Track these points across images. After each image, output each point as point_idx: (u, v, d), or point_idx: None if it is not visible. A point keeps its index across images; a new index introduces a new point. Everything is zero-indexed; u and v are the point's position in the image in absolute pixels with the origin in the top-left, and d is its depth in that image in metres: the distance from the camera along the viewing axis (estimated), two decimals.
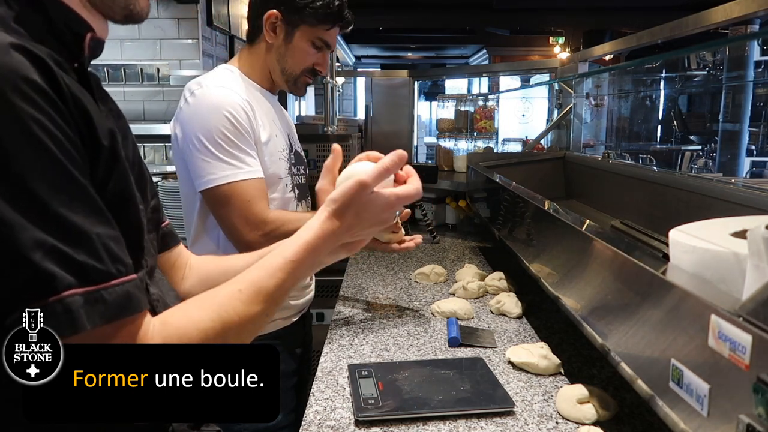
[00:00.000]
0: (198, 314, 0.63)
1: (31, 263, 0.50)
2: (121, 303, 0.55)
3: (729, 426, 0.55)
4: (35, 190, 0.51)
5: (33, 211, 0.50)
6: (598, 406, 1.05)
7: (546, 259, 1.28)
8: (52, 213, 0.51)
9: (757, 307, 0.53)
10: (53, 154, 0.52)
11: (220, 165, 1.27)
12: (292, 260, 0.69)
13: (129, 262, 0.58)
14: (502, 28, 7.45)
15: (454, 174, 2.96)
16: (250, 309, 0.66)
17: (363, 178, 0.72)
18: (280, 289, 0.69)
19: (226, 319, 0.63)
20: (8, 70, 0.51)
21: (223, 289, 0.66)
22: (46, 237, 0.51)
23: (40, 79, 0.53)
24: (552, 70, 2.94)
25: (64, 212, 0.52)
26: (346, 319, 1.55)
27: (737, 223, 0.73)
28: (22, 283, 0.50)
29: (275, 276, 0.68)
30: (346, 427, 1.02)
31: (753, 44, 4.35)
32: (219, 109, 1.28)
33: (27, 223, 0.50)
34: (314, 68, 1.43)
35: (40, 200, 0.51)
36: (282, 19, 1.37)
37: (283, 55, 1.40)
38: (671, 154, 5.55)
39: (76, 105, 0.57)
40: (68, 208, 0.52)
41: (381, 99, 3.46)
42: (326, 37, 1.41)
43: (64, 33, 0.63)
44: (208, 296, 0.65)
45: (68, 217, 0.52)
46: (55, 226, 0.51)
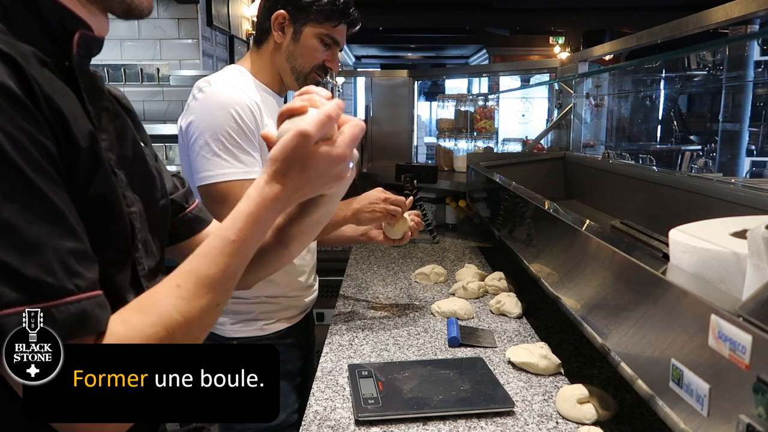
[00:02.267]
0: (137, 320, 0.57)
1: None
2: (73, 322, 0.51)
3: (729, 426, 0.55)
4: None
5: None
6: (598, 406, 1.05)
7: (546, 259, 1.28)
8: (2, 222, 0.48)
9: (757, 307, 0.53)
10: (11, 160, 0.49)
11: (219, 162, 1.28)
12: (234, 240, 0.62)
13: (91, 276, 0.54)
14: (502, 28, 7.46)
15: (454, 174, 2.96)
16: (193, 304, 0.59)
17: (303, 127, 0.62)
18: (225, 274, 0.61)
19: (168, 320, 0.58)
20: None
21: (161, 288, 0.60)
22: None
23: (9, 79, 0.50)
24: (552, 70, 2.94)
25: (17, 222, 0.49)
26: (346, 319, 1.55)
27: (737, 223, 0.73)
28: None
29: (218, 262, 0.61)
30: (346, 427, 1.02)
31: (753, 44, 4.35)
32: (226, 107, 1.28)
33: None
34: (324, 65, 1.44)
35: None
36: (289, 18, 1.39)
37: (293, 54, 1.41)
38: (671, 154, 5.55)
39: (50, 106, 0.54)
40: (23, 218, 0.49)
41: (381, 99, 3.46)
42: (334, 34, 1.42)
43: (56, 31, 0.61)
44: (147, 297, 0.60)
45: (21, 227, 0.49)
46: (4, 237, 0.48)
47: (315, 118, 0.63)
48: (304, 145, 0.62)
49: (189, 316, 0.59)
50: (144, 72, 3.25)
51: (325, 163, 0.64)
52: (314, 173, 0.64)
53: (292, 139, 0.62)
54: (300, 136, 0.62)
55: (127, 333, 0.56)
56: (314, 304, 1.59)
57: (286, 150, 0.63)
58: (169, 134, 1.28)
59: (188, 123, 1.32)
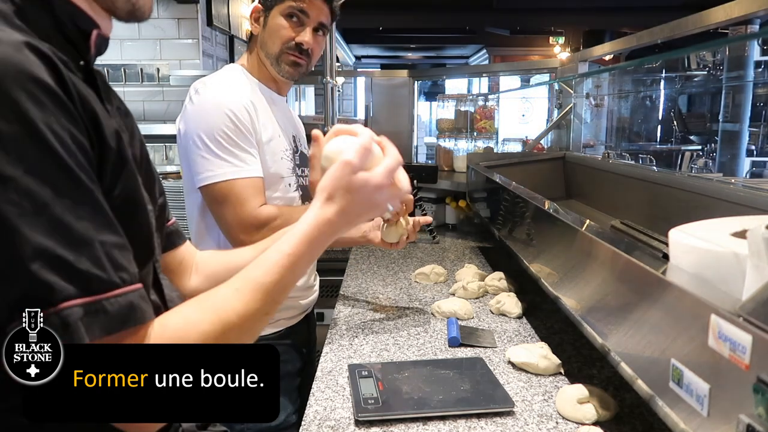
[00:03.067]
0: (196, 316, 0.61)
1: (29, 273, 0.48)
2: (123, 314, 0.53)
3: (729, 426, 0.55)
4: (39, 195, 0.49)
5: (36, 217, 0.49)
6: (598, 406, 1.05)
7: (546, 259, 1.28)
8: (58, 218, 0.50)
9: (757, 307, 0.53)
10: (59, 158, 0.50)
11: (218, 162, 1.28)
12: (290, 253, 0.67)
13: (134, 271, 0.56)
14: (502, 28, 7.46)
15: (454, 174, 2.96)
16: (248, 308, 0.64)
17: (347, 158, 0.70)
18: (278, 285, 0.66)
19: (225, 319, 0.62)
20: (19, 69, 0.49)
21: (221, 290, 0.64)
22: (47, 244, 0.49)
23: (50, 80, 0.51)
24: (552, 70, 2.94)
25: (68, 218, 0.50)
26: (346, 319, 1.55)
27: (737, 223, 0.73)
28: (19, 293, 0.49)
29: (273, 272, 0.66)
30: (346, 427, 1.02)
31: (753, 44, 4.35)
32: (221, 108, 1.29)
33: (29, 229, 0.48)
34: (296, 43, 1.37)
35: (43, 205, 0.49)
36: (262, 9, 1.39)
37: (264, 40, 1.39)
38: (671, 154, 5.55)
39: (84, 106, 0.55)
40: (72, 214, 0.51)
41: (381, 99, 3.46)
42: (300, 4, 1.35)
43: (69, 30, 0.61)
44: (207, 297, 0.64)
45: (72, 223, 0.50)
46: (57, 232, 0.49)
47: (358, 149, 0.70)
48: (348, 173, 0.70)
49: (244, 319, 0.63)
50: (144, 72, 3.25)
51: (366, 191, 0.71)
52: (358, 199, 0.71)
53: (339, 169, 0.70)
54: (344, 166, 0.70)
55: (185, 328, 0.59)
56: (315, 304, 1.59)
57: (333, 179, 0.70)
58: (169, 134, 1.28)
59: (185, 125, 1.32)
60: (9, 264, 0.48)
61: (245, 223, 1.28)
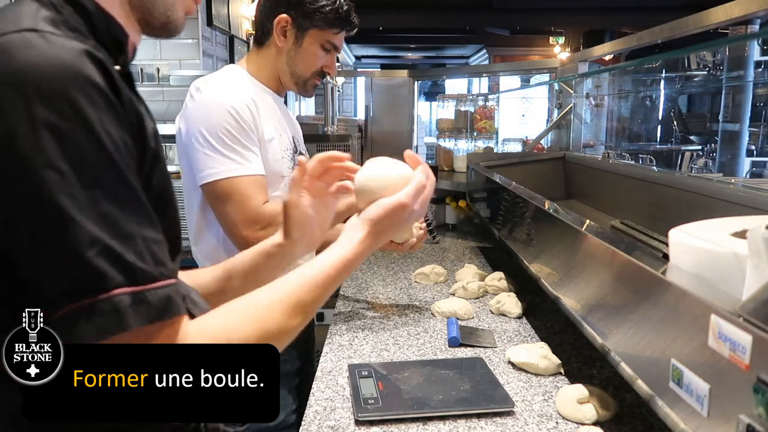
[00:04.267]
0: (238, 325, 0.63)
1: (85, 260, 0.51)
2: (162, 305, 0.55)
3: (729, 426, 0.55)
4: (94, 190, 0.52)
5: (90, 209, 0.52)
6: (598, 406, 1.05)
7: (546, 259, 1.28)
8: (107, 213, 0.53)
9: (757, 307, 0.53)
10: (111, 157, 0.54)
11: (221, 159, 1.28)
12: (331, 275, 0.71)
13: (170, 266, 0.58)
14: (502, 28, 7.46)
15: (454, 174, 2.96)
16: (289, 322, 0.66)
17: (405, 201, 0.75)
18: (315, 303, 0.69)
19: (266, 330, 0.64)
20: (79, 74, 0.53)
21: (264, 300, 0.66)
22: (100, 235, 0.52)
23: (104, 84, 0.55)
24: (552, 70, 2.94)
25: (118, 213, 0.53)
26: (346, 319, 1.55)
27: (737, 223, 0.73)
28: (74, 279, 0.51)
29: (314, 290, 0.69)
30: (346, 427, 1.02)
31: (753, 44, 4.35)
32: (223, 106, 1.29)
33: (85, 220, 0.51)
34: (323, 70, 1.45)
35: (97, 199, 0.52)
36: (292, 23, 1.39)
37: (293, 59, 1.42)
38: (671, 154, 5.55)
39: (132, 109, 0.59)
40: (120, 209, 0.54)
41: (381, 99, 3.46)
42: (334, 40, 1.43)
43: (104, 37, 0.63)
44: (249, 306, 0.65)
45: (120, 217, 0.53)
46: (108, 225, 0.53)
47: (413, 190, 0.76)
48: (402, 214, 0.75)
49: (281, 331, 0.66)
50: (144, 72, 3.25)
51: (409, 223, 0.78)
52: (399, 230, 0.78)
53: (394, 209, 0.75)
54: (401, 208, 0.75)
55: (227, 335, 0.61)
56: None
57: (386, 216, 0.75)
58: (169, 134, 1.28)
59: (186, 123, 1.32)
60: (65, 250, 0.51)
61: (249, 220, 1.28)
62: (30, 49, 0.52)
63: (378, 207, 0.75)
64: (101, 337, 0.53)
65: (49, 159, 0.51)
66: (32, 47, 0.52)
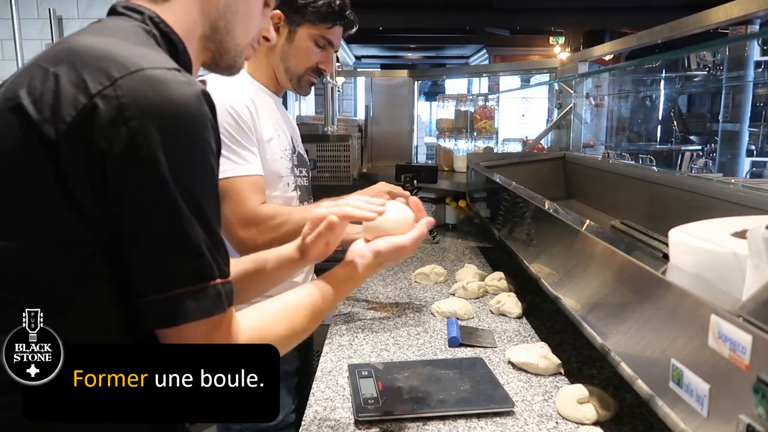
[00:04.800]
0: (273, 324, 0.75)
1: (203, 254, 0.63)
2: (230, 296, 0.66)
3: (729, 426, 0.55)
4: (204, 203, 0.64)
5: (201, 217, 0.63)
6: (598, 406, 1.05)
7: (546, 259, 1.28)
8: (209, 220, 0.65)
9: (757, 307, 0.53)
10: (215, 178, 0.67)
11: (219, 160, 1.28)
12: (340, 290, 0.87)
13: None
14: (502, 28, 7.45)
15: (454, 174, 2.96)
16: (309, 325, 0.80)
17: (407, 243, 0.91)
18: (326, 312, 0.85)
19: (294, 330, 0.77)
20: (205, 113, 0.64)
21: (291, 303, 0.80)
22: (206, 237, 0.64)
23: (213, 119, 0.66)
24: (552, 70, 2.93)
25: (214, 222, 0.65)
26: (346, 319, 1.55)
27: (737, 223, 0.73)
28: (192, 268, 0.63)
29: (327, 301, 0.84)
30: (346, 427, 1.02)
31: (753, 44, 4.35)
32: (223, 105, 1.29)
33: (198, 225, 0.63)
34: (318, 67, 1.45)
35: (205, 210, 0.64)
36: (284, 19, 1.39)
37: (287, 54, 1.42)
38: (671, 154, 5.55)
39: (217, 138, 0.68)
40: (214, 218, 0.66)
41: (381, 99, 3.46)
42: (329, 35, 1.42)
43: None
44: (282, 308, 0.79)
45: (215, 226, 0.66)
46: (210, 231, 0.64)
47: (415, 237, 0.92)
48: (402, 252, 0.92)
49: (303, 332, 0.79)
50: None
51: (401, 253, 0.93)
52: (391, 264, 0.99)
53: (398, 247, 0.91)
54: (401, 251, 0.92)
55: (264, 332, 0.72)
56: None
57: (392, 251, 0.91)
58: None
59: None
60: (187, 246, 0.62)
61: (245, 220, 1.28)
62: (178, 85, 0.62)
63: (387, 242, 0.91)
64: (206, 315, 0.63)
65: (180, 177, 0.61)
66: (179, 84, 0.62)
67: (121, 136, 0.58)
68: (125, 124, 0.59)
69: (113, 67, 0.61)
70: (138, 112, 0.59)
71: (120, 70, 0.60)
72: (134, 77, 0.60)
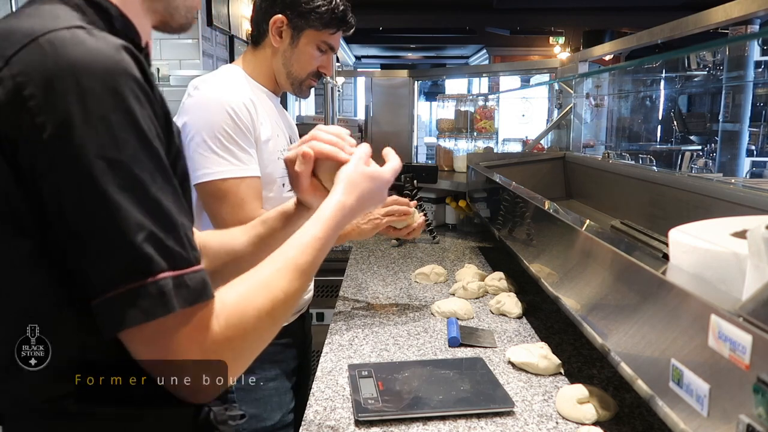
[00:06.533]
0: (250, 293, 0.65)
1: (134, 246, 0.54)
2: (199, 288, 0.58)
3: (729, 426, 0.55)
4: (139, 178, 0.55)
5: (137, 196, 0.54)
6: (598, 406, 1.05)
7: (546, 259, 1.28)
8: (152, 199, 0.55)
9: (757, 307, 0.53)
10: (152, 146, 0.57)
11: (217, 160, 1.28)
12: (319, 237, 0.73)
13: (200, 251, 0.61)
14: (502, 28, 7.45)
15: (454, 174, 2.96)
16: (291, 286, 0.68)
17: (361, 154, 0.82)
18: (312, 265, 0.72)
19: (274, 296, 0.66)
20: (122, 68, 0.55)
21: (265, 270, 0.68)
22: (145, 221, 0.54)
23: (142, 79, 0.57)
24: (552, 70, 2.93)
25: (161, 200, 0.56)
26: (346, 319, 1.55)
27: (737, 223, 0.73)
28: (123, 264, 0.54)
29: (307, 253, 0.72)
30: (346, 427, 1.02)
31: (753, 44, 4.35)
32: (221, 105, 1.29)
33: (131, 208, 0.54)
34: (319, 71, 1.45)
35: (142, 186, 0.55)
36: (288, 23, 1.39)
37: (289, 59, 1.42)
38: (671, 154, 5.55)
39: (162, 104, 0.61)
40: (162, 197, 0.56)
41: (381, 99, 3.46)
42: (331, 40, 1.43)
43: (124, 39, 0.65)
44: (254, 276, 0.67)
45: (163, 205, 0.56)
46: (153, 211, 0.55)
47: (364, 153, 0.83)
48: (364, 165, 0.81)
49: (288, 296, 0.67)
50: None
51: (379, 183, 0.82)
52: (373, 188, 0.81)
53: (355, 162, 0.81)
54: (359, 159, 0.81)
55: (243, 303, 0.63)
56: (310, 303, 1.58)
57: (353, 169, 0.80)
58: None
59: (183, 122, 1.32)
60: (114, 237, 0.54)
61: (243, 222, 1.28)
62: (80, 44, 0.55)
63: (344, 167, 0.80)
64: (148, 318, 0.54)
65: (98, 149, 0.53)
66: (82, 42, 0.55)
67: (24, 119, 0.53)
68: (24, 105, 0.53)
69: (7, 45, 0.55)
70: (35, 89, 0.53)
71: (13, 46, 0.55)
72: (28, 50, 0.54)
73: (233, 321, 0.60)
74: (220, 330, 0.59)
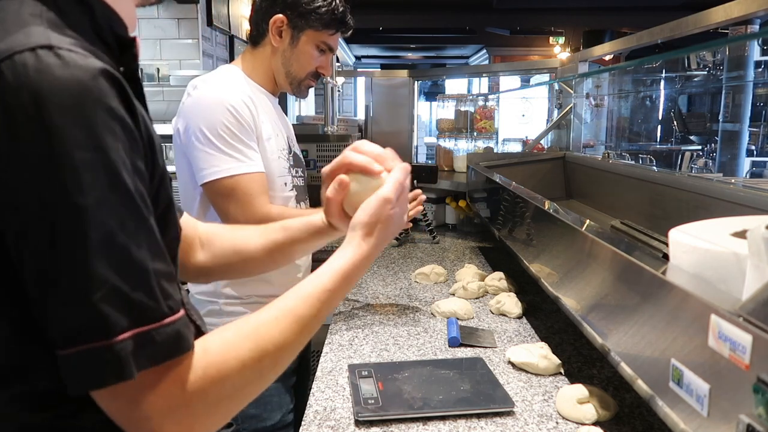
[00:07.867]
0: (236, 342, 0.60)
1: (91, 304, 0.48)
2: (170, 344, 0.52)
3: (729, 426, 0.55)
4: (106, 225, 0.49)
5: (101, 247, 0.49)
6: (598, 406, 1.05)
7: (546, 259, 1.28)
8: (119, 248, 0.50)
9: (757, 307, 0.53)
10: (125, 186, 0.51)
11: (223, 158, 1.28)
12: (330, 289, 0.68)
13: (178, 297, 0.55)
14: (502, 28, 7.46)
15: (454, 174, 2.96)
16: (285, 338, 0.63)
17: (388, 195, 0.74)
18: (315, 319, 0.67)
19: (262, 347, 0.60)
20: (93, 99, 0.50)
21: (261, 316, 0.63)
22: (108, 274, 0.49)
23: (122, 107, 0.52)
24: (552, 70, 2.93)
25: (130, 247, 0.51)
26: (346, 318, 1.55)
27: (737, 223, 0.73)
28: (77, 323, 0.49)
29: (311, 306, 0.66)
30: (346, 427, 1.02)
31: (753, 44, 4.35)
32: (222, 103, 1.29)
33: (94, 259, 0.49)
34: (317, 71, 1.46)
35: (109, 235, 0.49)
36: (288, 23, 1.39)
37: (289, 59, 1.42)
38: (671, 154, 5.55)
39: (146, 130, 0.56)
40: (133, 243, 0.51)
41: (381, 99, 3.46)
42: (330, 41, 1.44)
43: (107, 36, 0.60)
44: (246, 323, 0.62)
45: (131, 253, 0.51)
46: (119, 262, 0.50)
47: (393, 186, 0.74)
48: (387, 210, 0.74)
49: (279, 349, 0.62)
50: (144, 72, 3.25)
51: (397, 219, 0.75)
52: (392, 231, 0.76)
53: (379, 206, 0.73)
54: (385, 202, 0.73)
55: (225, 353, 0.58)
56: None
57: (373, 215, 0.73)
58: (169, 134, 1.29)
59: (185, 122, 1.32)
60: (70, 294, 0.49)
61: (254, 219, 1.28)
62: (45, 71, 0.48)
63: (363, 209, 0.74)
64: (101, 386, 0.50)
65: (60, 193, 0.48)
66: (48, 69, 0.48)
67: None
68: None
69: None
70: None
71: None
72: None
73: (211, 372, 0.55)
74: (195, 381, 0.54)
